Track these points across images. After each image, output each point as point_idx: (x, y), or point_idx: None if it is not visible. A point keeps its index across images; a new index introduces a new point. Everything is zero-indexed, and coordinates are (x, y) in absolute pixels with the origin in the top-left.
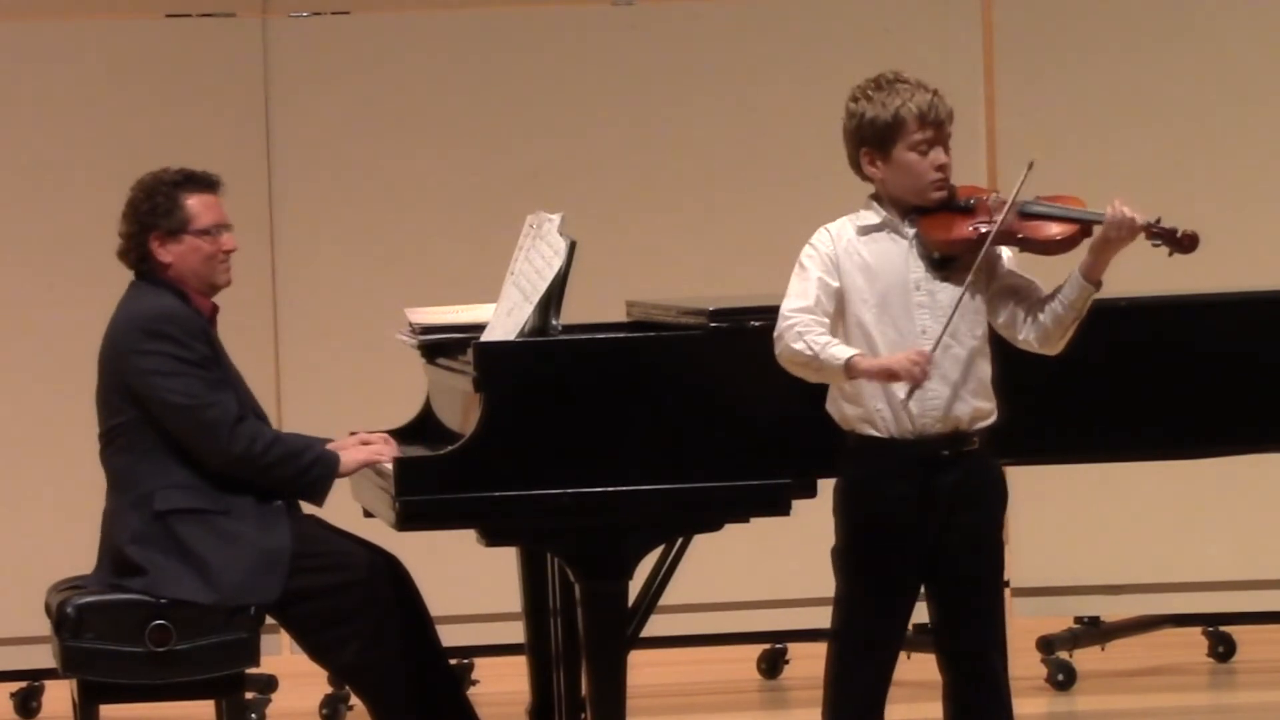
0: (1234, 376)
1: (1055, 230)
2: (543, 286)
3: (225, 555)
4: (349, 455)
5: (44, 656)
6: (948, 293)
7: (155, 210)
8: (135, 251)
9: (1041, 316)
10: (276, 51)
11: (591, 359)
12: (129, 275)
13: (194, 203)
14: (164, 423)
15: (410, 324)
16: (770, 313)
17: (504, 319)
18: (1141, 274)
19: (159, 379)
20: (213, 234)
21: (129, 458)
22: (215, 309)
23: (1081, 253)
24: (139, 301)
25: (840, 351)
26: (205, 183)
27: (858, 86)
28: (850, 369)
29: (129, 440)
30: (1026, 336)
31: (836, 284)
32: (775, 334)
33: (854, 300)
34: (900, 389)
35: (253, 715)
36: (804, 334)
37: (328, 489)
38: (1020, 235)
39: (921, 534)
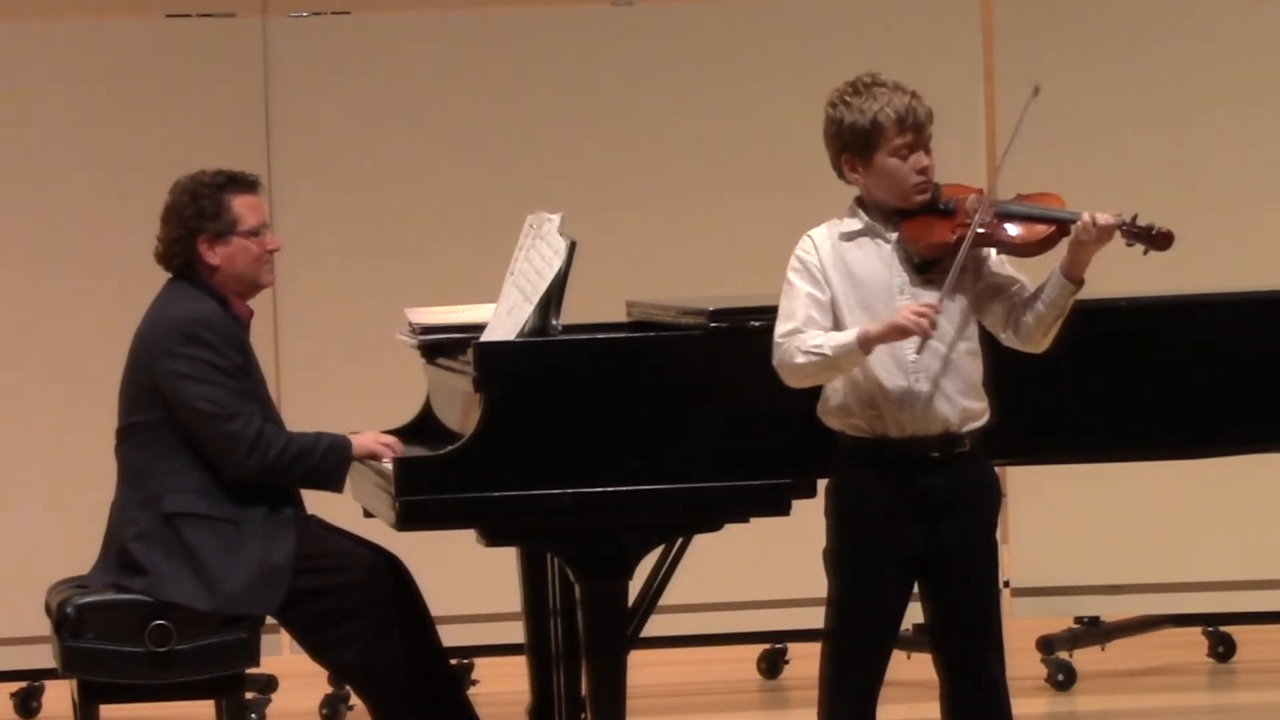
0: (1234, 376)
1: (1032, 231)
2: (543, 286)
3: (228, 563)
4: (360, 439)
5: (44, 656)
6: (931, 297)
7: (202, 213)
8: (181, 255)
9: (1024, 316)
10: (276, 51)
11: (591, 359)
12: (130, 273)
13: (239, 204)
14: (187, 427)
15: (410, 324)
16: (770, 313)
17: (504, 319)
18: (1141, 273)
19: (188, 383)
20: (259, 234)
21: (145, 455)
22: (251, 314)
23: (1062, 250)
24: (177, 303)
25: (845, 335)
26: (247, 183)
27: (835, 91)
28: (863, 342)
29: (148, 438)
30: (1010, 335)
31: (826, 296)
32: (775, 363)
33: (839, 305)
34: (910, 347)
35: (253, 715)
36: (800, 347)
37: (345, 474)
38: (997, 238)
39: (912, 535)
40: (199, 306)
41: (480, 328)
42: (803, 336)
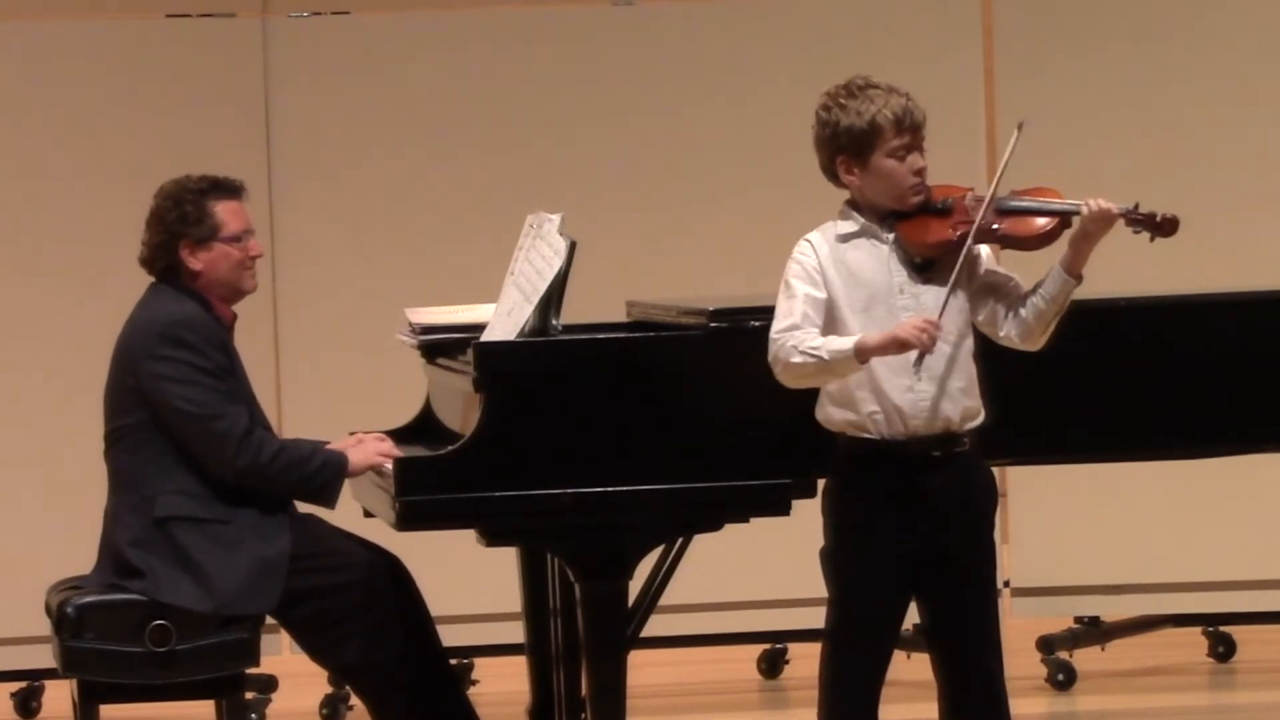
0: (1234, 376)
1: (1034, 225)
2: (543, 286)
3: (224, 563)
4: (357, 456)
5: (44, 656)
6: (931, 295)
7: (185, 219)
8: (163, 260)
9: (1023, 312)
10: (276, 51)
11: (591, 359)
12: (129, 274)
13: (222, 210)
14: (173, 429)
15: (410, 324)
16: (770, 313)
17: (504, 319)
18: (1141, 273)
19: (172, 385)
20: (241, 240)
21: (133, 459)
22: (234, 317)
23: (1062, 245)
24: (159, 305)
25: (843, 342)
26: (230, 189)
27: (828, 94)
28: (860, 351)
29: (135, 442)
30: (1008, 333)
31: (823, 295)
32: (770, 359)
33: (840, 307)
34: (905, 367)
35: (253, 715)
36: (798, 346)
37: (337, 491)
38: (999, 232)
39: (912, 535)
40: (180, 308)
41: (480, 328)
42: (800, 335)
